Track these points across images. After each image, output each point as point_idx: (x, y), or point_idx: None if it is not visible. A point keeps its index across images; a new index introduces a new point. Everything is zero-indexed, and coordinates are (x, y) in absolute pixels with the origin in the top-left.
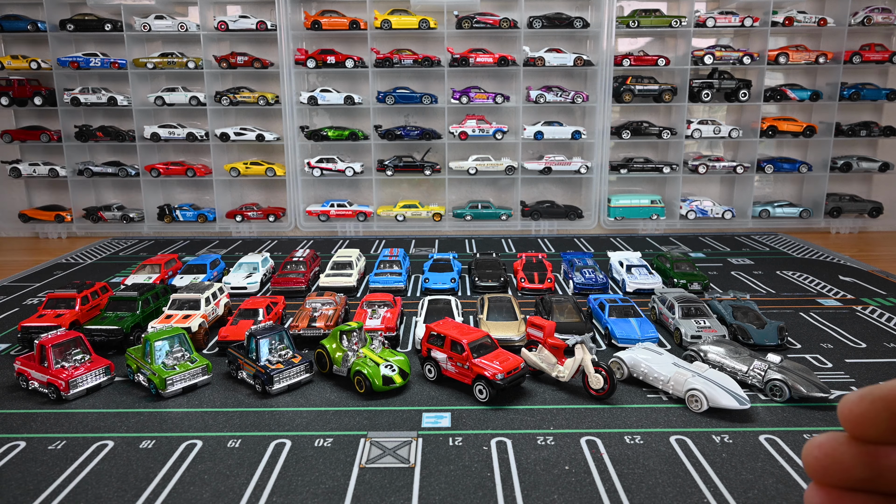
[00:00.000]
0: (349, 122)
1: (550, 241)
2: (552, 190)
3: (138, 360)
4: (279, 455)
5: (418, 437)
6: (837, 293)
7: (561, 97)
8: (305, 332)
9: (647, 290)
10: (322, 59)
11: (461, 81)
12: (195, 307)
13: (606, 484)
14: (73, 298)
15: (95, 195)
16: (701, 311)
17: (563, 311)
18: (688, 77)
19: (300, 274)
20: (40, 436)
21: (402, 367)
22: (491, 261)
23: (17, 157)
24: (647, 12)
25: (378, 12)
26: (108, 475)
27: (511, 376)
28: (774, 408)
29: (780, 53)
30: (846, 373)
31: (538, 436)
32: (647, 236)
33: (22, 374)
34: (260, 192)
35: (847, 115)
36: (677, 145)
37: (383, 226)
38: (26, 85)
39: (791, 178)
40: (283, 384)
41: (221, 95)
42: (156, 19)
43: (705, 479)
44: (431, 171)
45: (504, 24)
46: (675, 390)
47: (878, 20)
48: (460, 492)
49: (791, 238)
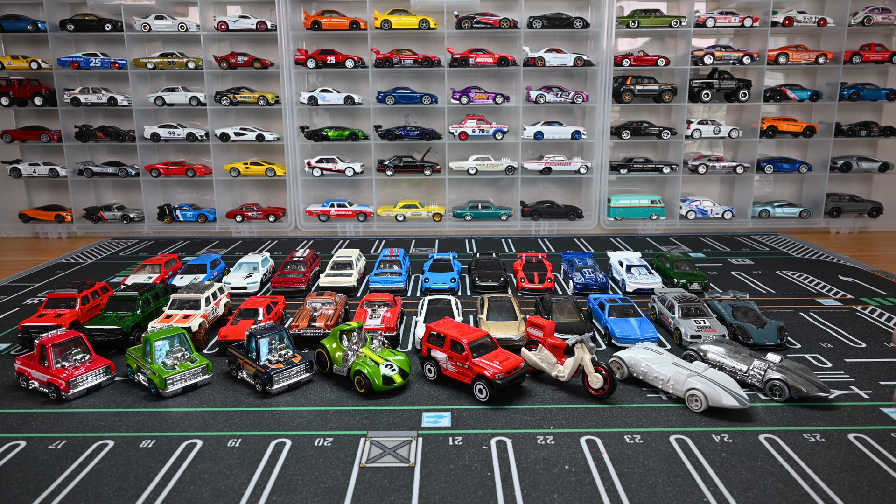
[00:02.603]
0: (349, 122)
1: (550, 241)
2: (552, 190)
3: (138, 359)
4: (279, 454)
5: (418, 436)
6: (837, 293)
7: (561, 97)
8: (305, 332)
9: (647, 290)
10: (322, 59)
11: (461, 81)
12: (195, 307)
13: (606, 483)
14: (74, 298)
15: (95, 195)
16: (701, 310)
17: (562, 310)
18: (688, 77)
19: (300, 274)
20: (40, 435)
21: (402, 367)
22: (491, 261)
23: (18, 157)
24: (647, 12)
25: (378, 12)
26: (108, 475)
27: (511, 376)
28: (774, 407)
29: (780, 53)
30: (846, 372)
31: (538, 435)
32: (647, 236)
33: (22, 374)
34: (260, 192)
35: (847, 115)
36: (677, 145)
37: (383, 226)
38: (26, 85)
39: (791, 178)
40: (283, 384)
41: (221, 95)
42: (156, 19)
43: (705, 478)
44: (431, 171)
45: (504, 25)
46: (674, 390)
47: (878, 20)
48: (460, 491)
49: (791, 238)
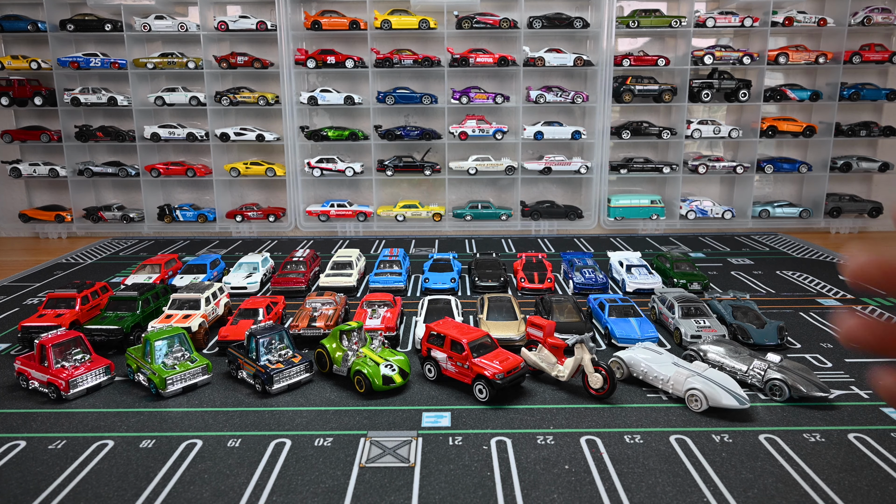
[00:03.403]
0: (349, 122)
1: (550, 241)
2: (552, 190)
3: (138, 359)
4: (279, 454)
5: (418, 436)
6: (837, 293)
7: (561, 97)
8: (305, 332)
9: (647, 290)
10: (322, 59)
11: (461, 81)
12: (195, 307)
13: (606, 483)
14: (73, 298)
15: (95, 195)
16: (701, 310)
17: (562, 310)
18: (688, 77)
19: (300, 274)
20: (40, 435)
21: (402, 367)
22: (491, 261)
23: (18, 157)
24: (647, 12)
25: (378, 12)
26: (108, 475)
27: (511, 376)
28: (774, 407)
29: (780, 53)
30: (846, 372)
31: (538, 435)
32: (647, 236)
33: (22, 374)
34: (260, 192)
35: (847, 115)
36: (677, 145)
37: (383, 226)
38: (26, 85)
39: (791, 178)
40: (283, 384)
41: (221, 95)
42: (156, 19)
43: (705, 478)
44: (431, 171)
45: (504, 25)
46: (674, 390)
47: (878, 20)
48: (460, 491)
49: (791, 238)
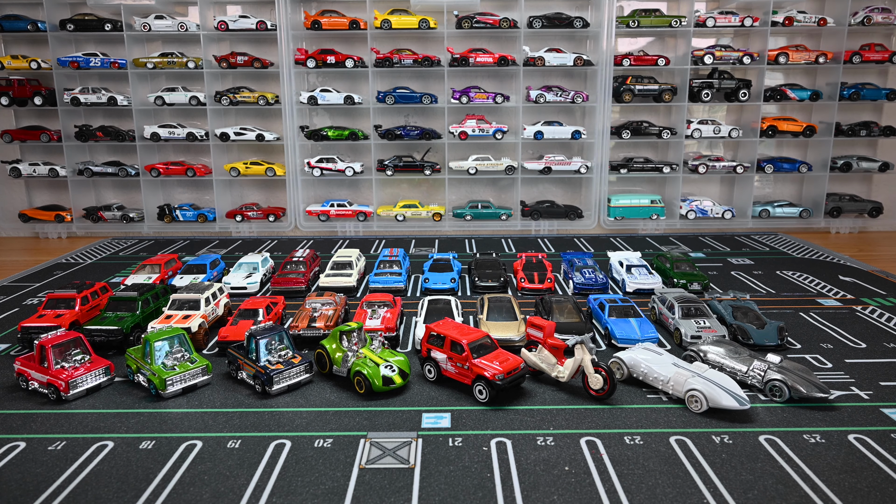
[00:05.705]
0: (349, 122)
1: (550, 241)
2: (552, 190)
3: (138, 360)
4: (279, 455)
5: (418, 437)
6: (837, 293)
7: (561, 97)
8: (305, 333)
9: (647, 290)
10: (322, 59)
11: (461, 81)
12: (195, 307)
13: (606, 484)
14: (73, 298)
15: (95, 195)
16: (701, 311)
17: (562, 311)
18: (688, 77)
19: (300, 274)
20: (40, 436)
21: (401, 368)
22: (491, 261)
23: (17, 157)
24: (647, 12)
25: (378, 12)
26: (107, 476)
27: (511, 376)
28: (774, 408)
29: (780, 53)
30: (846, 373)
31: (538, 436)
32: (647, 236)
33: (22, 375)
34: (260, 192)
35: (847, 115)
36: (677, 145)
37: (383, 226)
38: (26, 85)
39: (791, 177)
40: (282, 384)
41: (221, 95)
42: (156, 19)
43: (705, 479)
44: (431, 171)
45: (504, 24)
46: (674, 390)
47: (878, 20)
48: (460, 492)
49: (791, 238)
